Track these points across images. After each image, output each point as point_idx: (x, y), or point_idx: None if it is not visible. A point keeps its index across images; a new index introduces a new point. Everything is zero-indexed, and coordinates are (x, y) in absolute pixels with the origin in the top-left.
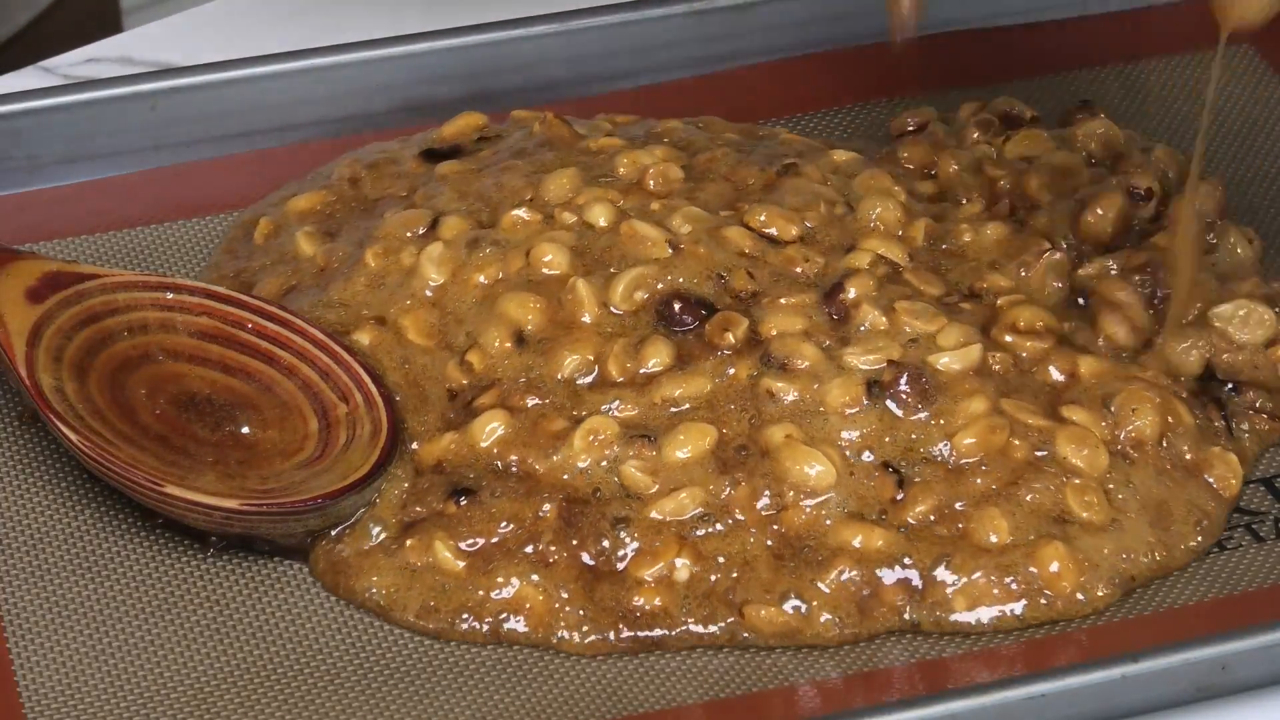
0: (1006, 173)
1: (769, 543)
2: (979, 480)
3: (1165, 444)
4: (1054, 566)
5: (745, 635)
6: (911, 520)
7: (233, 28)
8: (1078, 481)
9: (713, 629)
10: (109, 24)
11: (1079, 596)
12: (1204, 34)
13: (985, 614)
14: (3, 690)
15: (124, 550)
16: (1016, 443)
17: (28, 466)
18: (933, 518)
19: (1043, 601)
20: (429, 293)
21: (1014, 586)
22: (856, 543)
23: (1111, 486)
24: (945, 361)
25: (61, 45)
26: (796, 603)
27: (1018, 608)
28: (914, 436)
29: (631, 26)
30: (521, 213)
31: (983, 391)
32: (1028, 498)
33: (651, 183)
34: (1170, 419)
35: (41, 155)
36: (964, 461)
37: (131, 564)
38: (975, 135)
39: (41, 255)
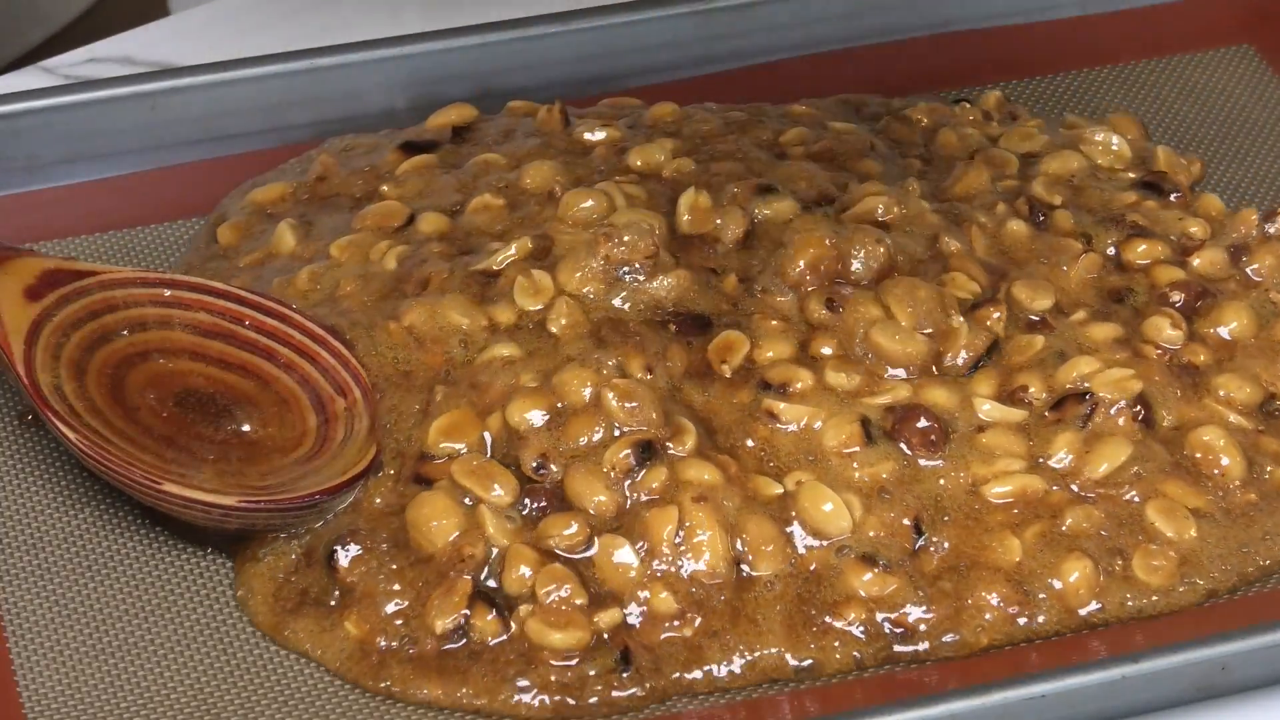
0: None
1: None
2: (1001, 516)
3: (1255, 474)
4: (1074, 577)
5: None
6: (928, 569)
7: (233, 28)
8: (1154, 547)
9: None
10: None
11: (1083, 611)
12: (1204, 34)
13: (998, 639)
14: (3, 690)
15: (124, 550)
16: (1056, 489)
17: (28, 466)
18: (946, 568)
19: (1050, 611)
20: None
21: (1027, 605)
22: (864, 591)
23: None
24: (987, 409)
25: (117, 29)
26: (809, 660)
27: (1030, 624)
28: (941, 482)
29: (632, 26)
30: (489, 198)
31: (1024, 455)
32: (1066, 525)
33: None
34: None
35: (41, 155)
36: (994, 504)
37: (131, 564)
38: (970, 117)
39: (39, 253)
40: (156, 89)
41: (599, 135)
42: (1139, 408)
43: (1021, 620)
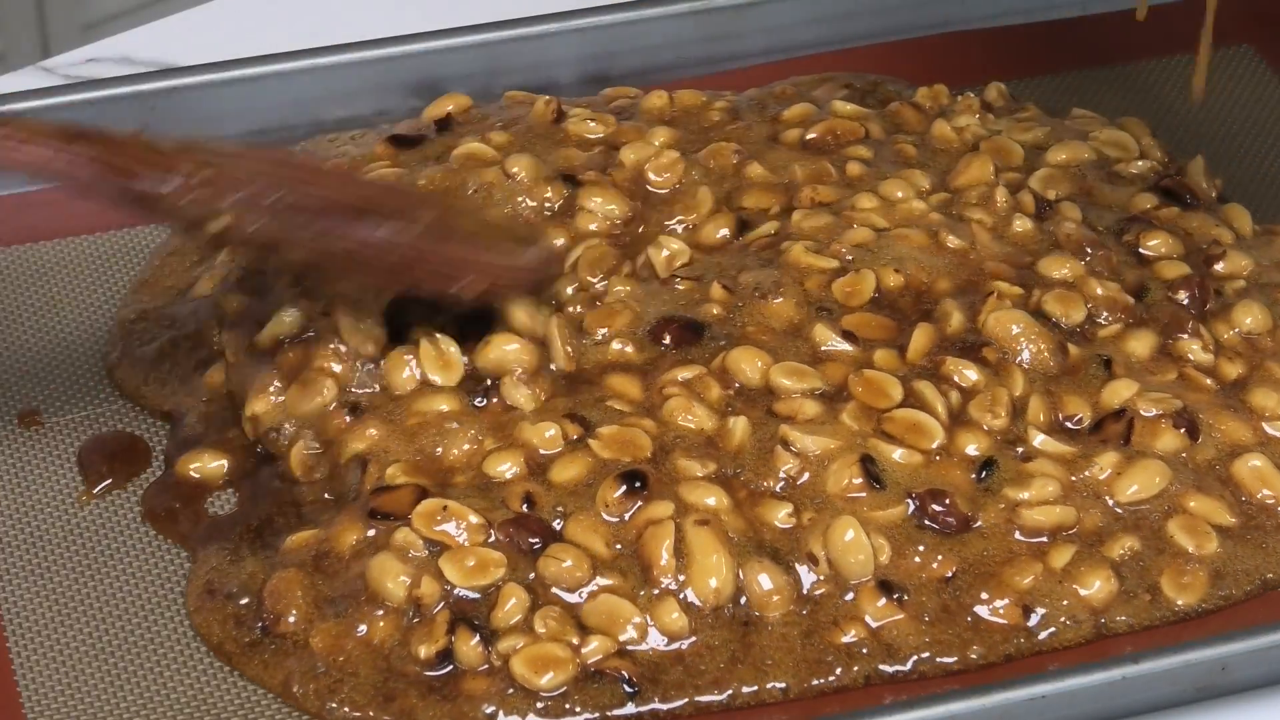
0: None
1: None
2: (1032, 543)
3: None
4: (1096, 585)
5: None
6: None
7: (233, 28)
8: (1187, 567)
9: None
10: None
11: (1101, 621)
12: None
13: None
14: (3, 690)
15: (124, 550)
16: (1099, 519)
17: (28, 466)
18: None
19: (1063, 613)
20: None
21: (1039, 612)
22: (872, 617)
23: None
24: (1040, 440)
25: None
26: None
27: (1041, 634)
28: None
29: (632, 26)
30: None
31: (1064, 482)
32: (1117, 552)
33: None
34: None
35: None
36: (1026, 539)
37: (132, 564)
38: (970, 107)
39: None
40: (155, 89)
41: (590, 128)
42: (1183, 423)
43: (1042, 635)
